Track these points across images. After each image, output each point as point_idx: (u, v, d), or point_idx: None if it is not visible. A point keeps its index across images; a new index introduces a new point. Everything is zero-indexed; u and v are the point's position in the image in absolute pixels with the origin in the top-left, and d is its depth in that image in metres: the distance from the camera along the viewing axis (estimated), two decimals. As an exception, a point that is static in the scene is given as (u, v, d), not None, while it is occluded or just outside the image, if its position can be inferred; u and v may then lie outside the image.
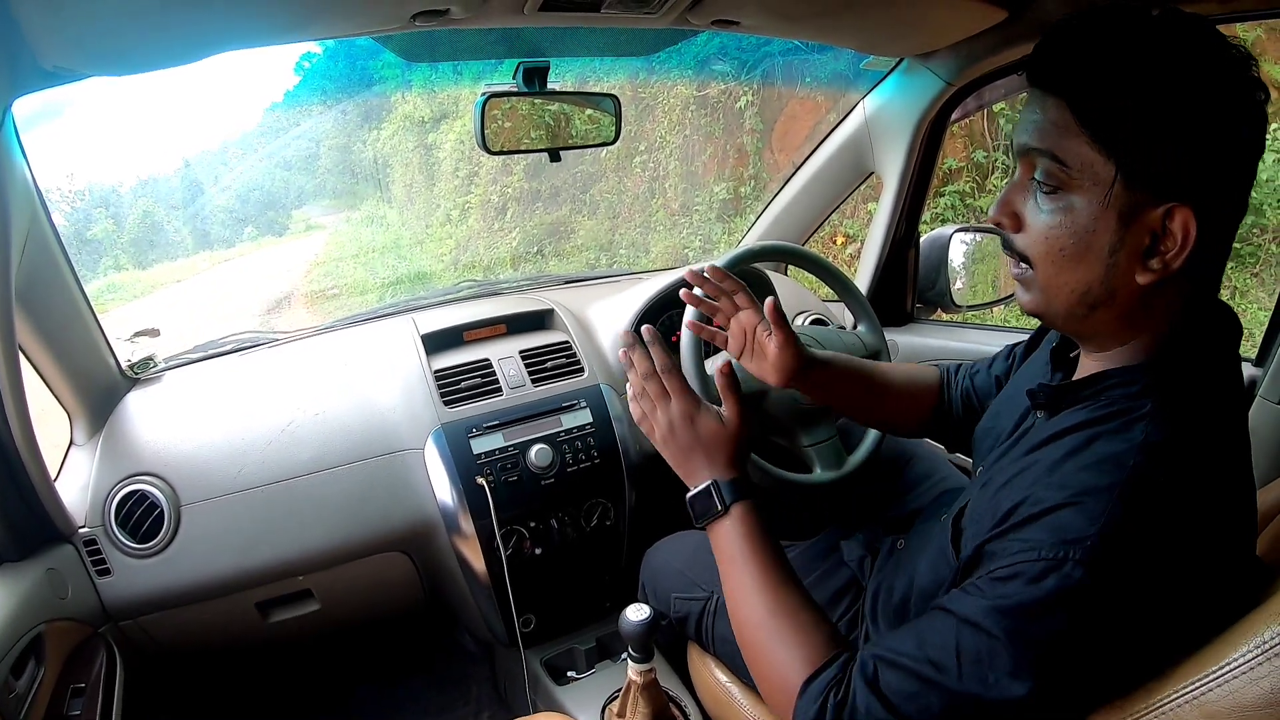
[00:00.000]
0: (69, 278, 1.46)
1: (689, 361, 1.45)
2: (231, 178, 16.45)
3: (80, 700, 1.24)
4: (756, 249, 1.57)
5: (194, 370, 1.78)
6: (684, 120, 7.02)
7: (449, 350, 1.76)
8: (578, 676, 1.69)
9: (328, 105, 17.05)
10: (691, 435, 1.06)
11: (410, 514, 1.60)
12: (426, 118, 12.08)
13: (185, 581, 1.49)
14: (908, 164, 1.91)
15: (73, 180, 14.44)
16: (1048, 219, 0.78)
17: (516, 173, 8.69)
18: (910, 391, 1.35)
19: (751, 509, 1.02)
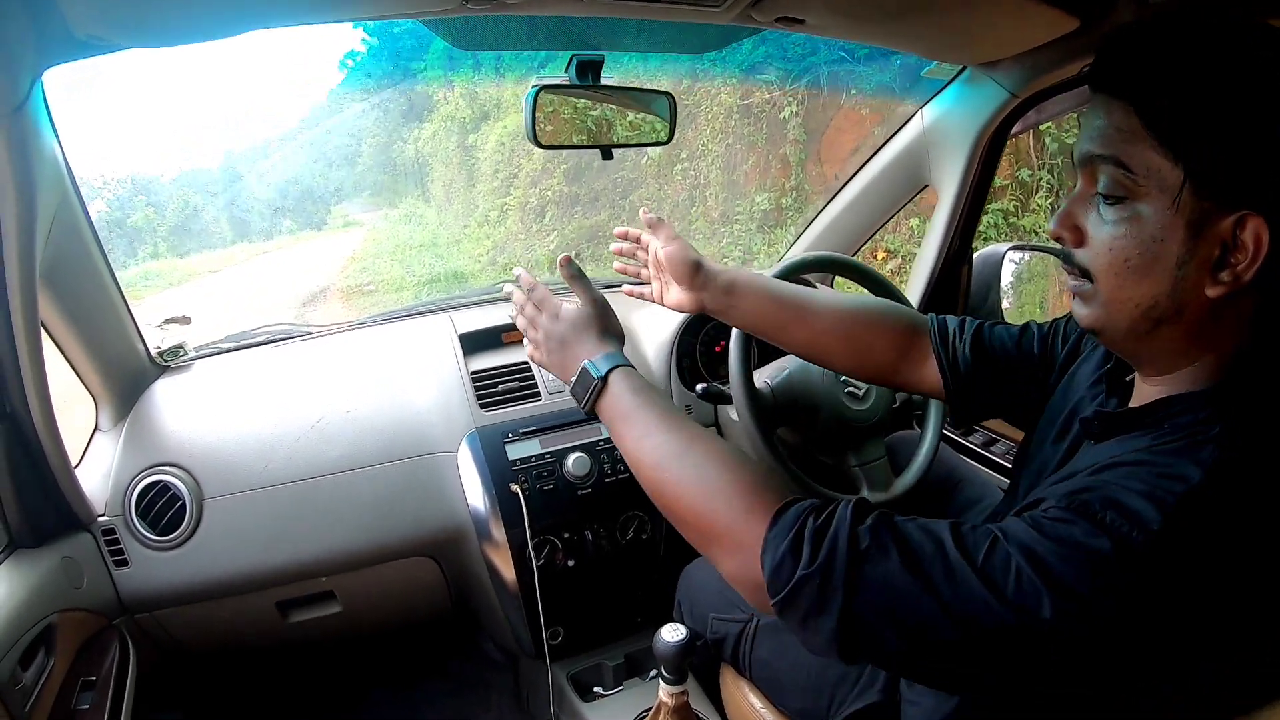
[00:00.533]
0: (99, 261, 1.42)
1: (736, 371, 1.40)
2: (272, 171, 16.65)
3: (90, 694, 1.20)
4: (809, 259, 1.52)
5: (224, 360, 1.75)
6: (727, 128, 6.95)
7: (487, 352, 1.71)
8: (604, 693, 1.62)
9: (370, 103, 17.23)
10: (559, 332, 1.05)
11: (440, 519, 1.55)
12: (468, 118, 12.15)
13: (204, 577, 1.44)
14: (965, 177, 1.82)
15: (117, 168, 14.67)
16: (1112, 230, 0.73)
17: (556, 175, 8.67)
18: (854, 332, 1.20)
19: (630, 372, 0.98)
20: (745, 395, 1.40)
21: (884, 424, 1.51)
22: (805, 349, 1.24)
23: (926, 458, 1.49)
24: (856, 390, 1.50)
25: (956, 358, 1.13)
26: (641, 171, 7.95)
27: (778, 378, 1.50)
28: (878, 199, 2.06)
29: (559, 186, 8.65)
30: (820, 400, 1.47)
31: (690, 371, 1.78)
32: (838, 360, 1.23)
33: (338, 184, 16.63)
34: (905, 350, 1.18)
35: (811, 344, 1.22)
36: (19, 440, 1.22)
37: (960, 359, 1.13)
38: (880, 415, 1.50)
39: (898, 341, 1.19)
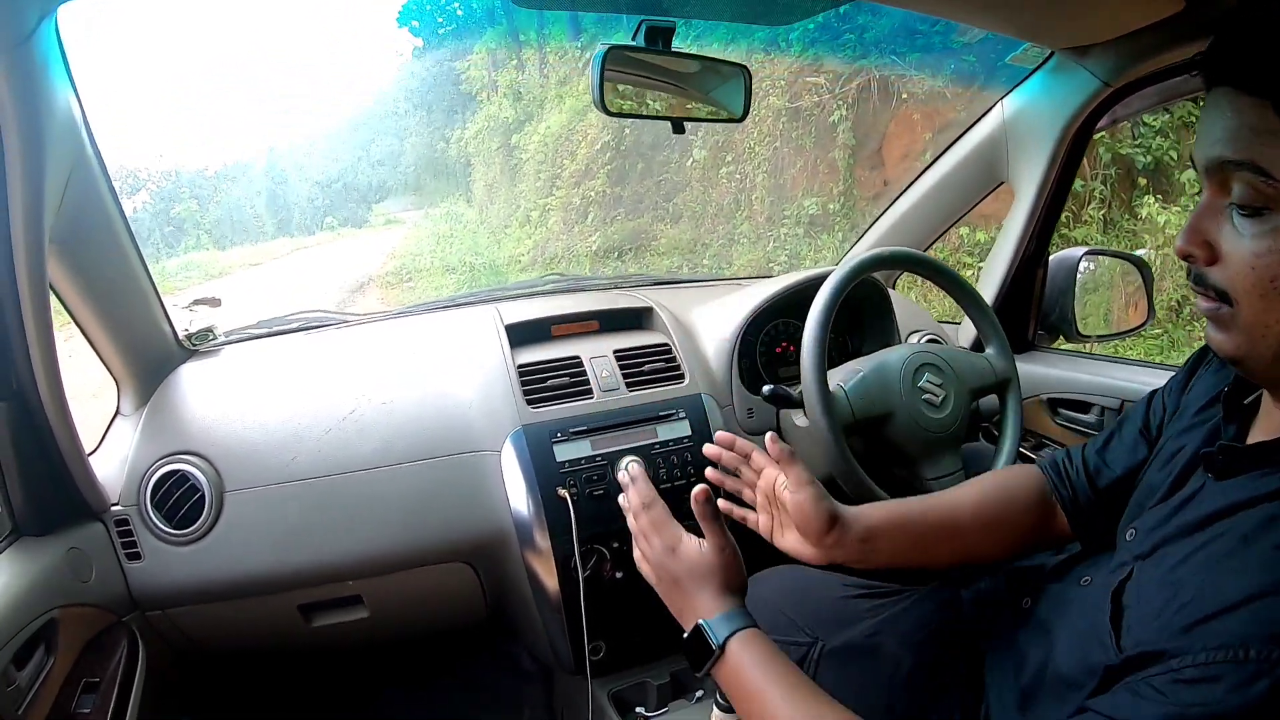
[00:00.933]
0: (122, 234, 1.34)
1: (811, 372, 1.28)
2: (315, 168, 16.87)
3: (92, 697, 1.09)
4: (883, 254, 1.42)
5: (255, 346, 1.65)
6: (774, 131, 6.87)
7: (535, 345, 1.58)
8: (648, 715, 1.49)
9: (414, 103, 17.41)
10: (675, 570, 0.97)
11: (480, 523, 1.42)
12: (511, 119, 12.24)
13: (222, 574, 1.34)
14: (1047, 175, 1.70)
15: (162, 160, 15.01)
16: (1253, 245, 0.66)
17: (599, 176, 8.66)
18: (997, 517, 1.10)
19: (752, 639, 0.89)
20: (820, 399, 1.28)
21: (959, 435, 1.41)
22: (950, 560, 1.12)
23: None
24: (934, 397, 1.39)
25: (1080, 500, 1.06)
26: (686, 174, 7.89)
27: (851, 380, 1.38)
28: (949, 196, 1.94)
29: (602, 187, 8.64)
30: (896, 406, 1.36)
31: (750, 373, 1.65)
32: (985, 553, 1.11)
33: (380, 182, 16.85)
34: (1041, 508, 1.09)
35: (958, 554, 1.11)
36: (26, 419, 1.13)
37: (1082, 496, 1.06)
38: (957, 426, 1.39)
39: (1033, 501, 1.10)
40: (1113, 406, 1.62)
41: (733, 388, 1.59)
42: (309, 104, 16.64)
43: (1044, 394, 1.76)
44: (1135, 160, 5.35)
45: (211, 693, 1.70)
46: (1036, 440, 1.79)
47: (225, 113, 13.48)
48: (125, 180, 13.96)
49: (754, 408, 1.59)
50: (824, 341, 1.30)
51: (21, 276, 1.04)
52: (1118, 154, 5.31)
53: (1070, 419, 1.72)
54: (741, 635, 0.89)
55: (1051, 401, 1.75)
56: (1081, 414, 1.69)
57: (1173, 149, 5.36)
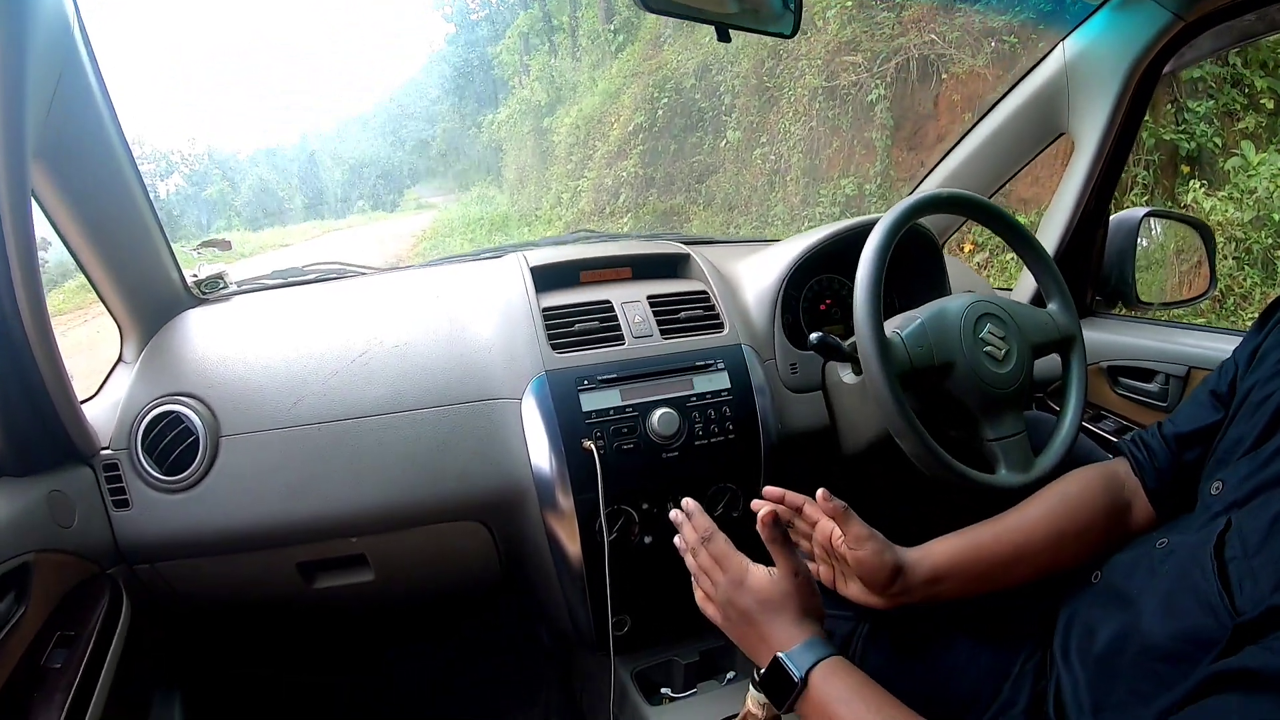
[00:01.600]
0: (121, 158, 1.24)
1: (866, 316, 1.16)
2: (347, 152, 16.97)
3: (65, 651, 0.99)
4: (941, 195, 1.30)
5: (268, 296, 1.54)
6: (810, 111, 6.71)
7: (562, 290, 1.46)
8: (675, 696, 1.37)
9: (446, 89, 17.45)
10: (744, 603, 0.90)
11: (496, 477, 1.30)
12: (543, 102, 12.23)
13: (215, 525, 1.23)
14: (1110, 121, 1.57)
15: (194, 144, 15.17)
16: None
17: (632, 156, 8.58)
18: (1068, 530, 1.02)
19: (836, 668, 0.83)
20: (876, 345, 1.14)
21: (1023, 393, 1.27)
22: (1022, 582, 1.03)
23: (1068, 437, 1.27)
24: (996, 350, 1.25)
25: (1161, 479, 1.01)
26: (720, 156, 7.77)
27: (908, 327, 1.24)
28: (1006, 148, 1.80)
29: (634, 168, 8.56)
30: (956, 357, 1.22)
31: (792, 329, 1.52)
32: (1059, 568, 1.02)
33: (411, 167, 16.93)
34: (1110, 509, 1.03)
35: (1030, 576, 1.02)
36: (7, 349, 1.03)
37: (1162, 462, 1.01)
38: (1021, 382, 1.26)
39: (1101, 505, 1.03)
40: (1178, 374, 1.51)
41: (775, 341, 1.46)
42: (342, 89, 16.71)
43: (1104, 361, 1.64)
44: (1179, 146, 5.22)
45: (203, 656, 1.60)
46: (1095, 411, 1.67)
47: (258, 96, 13.59)
48: (158, 163, 14.09)
49: (798, 363, 1.46)
50: (879, 282, 1.17)
51: (1, 191, 0.95)
52: (1161, 139, 5.17)
53: (1132, 389, 1.60)
54: (825, 665, 0.82)
55: (1112, 370, 1.63)
56: (1144, 383, 1.58)
57: (1217, 135, 5.24)
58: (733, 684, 1.36)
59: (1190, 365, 1.49)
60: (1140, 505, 1.02)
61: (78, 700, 0.94)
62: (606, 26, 11.24)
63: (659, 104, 8.62)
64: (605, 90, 10.05)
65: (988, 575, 1.00)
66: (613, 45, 10.88)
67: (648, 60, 9.30)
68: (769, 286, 1.49)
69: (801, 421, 1.44)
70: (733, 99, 7.78)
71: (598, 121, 9.88)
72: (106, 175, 1.23)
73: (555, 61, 12.93)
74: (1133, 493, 1.02)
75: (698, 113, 8.24)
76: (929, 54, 6.09)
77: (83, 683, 0.96)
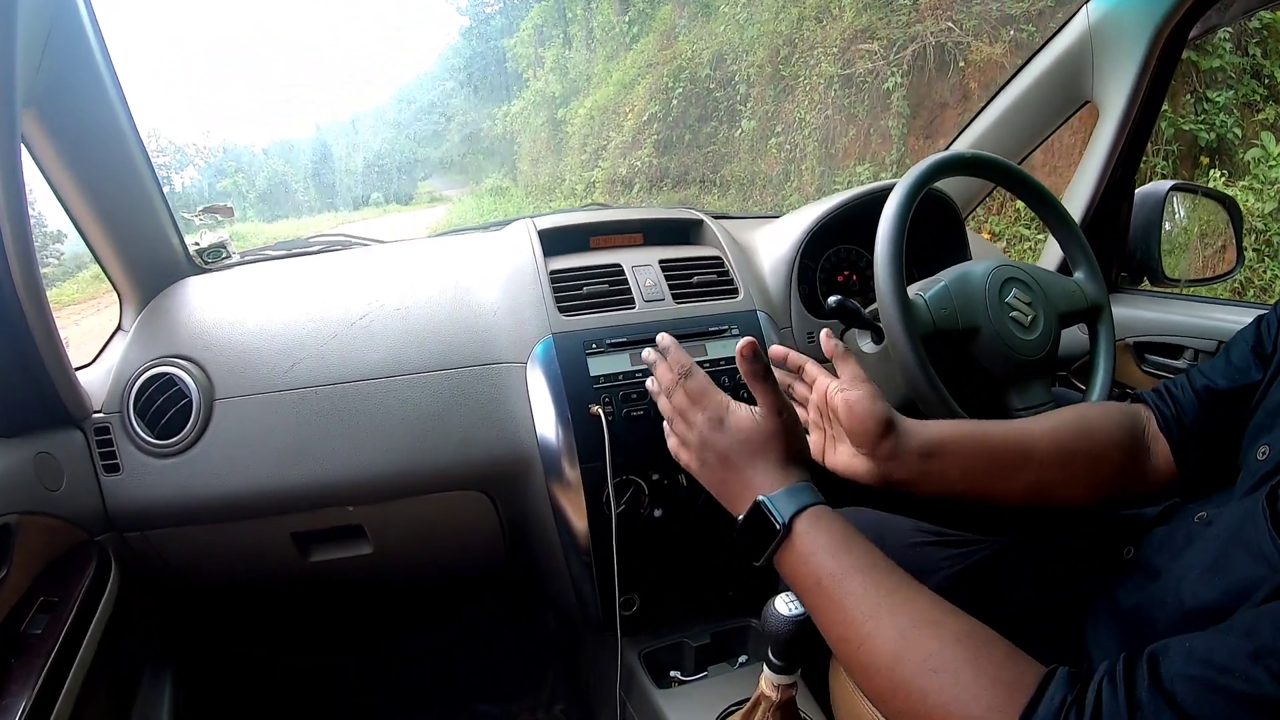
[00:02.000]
0: (122, 122, 1.22)
1: (887, 277, 1.09)
2: (361, 145, 17.01)
3: (47, 618, 0.95)
4: (965, 155, 1.25)
5: (271, 265, 1.50)
6: (826, 100, 6.65)
7: (571, 255, 1.41)
8: (684, 679, 1.31)
9: (459, 81, 17.47)
10: (724, 446, 0.83)
11: (499, 444, 1.25)
12: (558, 93, 12.22)
13: (207, 491, 1.19)
14: (1136, 87, 1.51)
15: (209, 137, 15.26)
16: None
17: (646, 147, 8.55)
18: (1076, 449, 0.94)
19: (822, 515, 0.76)
20: (898, 305, 1.08)
21: (1051, 362, 1.22)
22: (1025, 495, 0.94)
23: None
24: (1022, 316, 1.19)
25: (1186, 422, 0.93)
26: (735, 145, 7.73)
27: (932, 289, 1.18)
28: (1030, 116, 1.73)
29: (648, 158, 8.53)
30: (981, 321, 1.16)
31: (809, 300, 1.46)
32: (1063, 493, 0.94)
33: (425, 159, 16.93)
34: (1126, 448, 0.94)
35: (1033, 487, 0.93)
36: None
37: (1189, 416, 0.93)
38: (1048, 351, 1.20)
39: (1117, 438, 0.95)
40: (1208, 349, 1.46)
41: (791, 309, 1.40)
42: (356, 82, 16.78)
43: (1130, 338, 1.58)
44: (1198, 136, 5.19)
45: (196, 634, 1.56)
46: (1121, 390, 1.60)
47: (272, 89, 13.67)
48: (173, 155, 14.15)
49: (814, 331, 1.40)
50: (901, 239, 1.11)
51: None
52: (1180, 129, 5.14)
53: (1159, 365, 1.55)
54: (810, 512, 0.75)
55: (1138, 346, 1.58)
56: (1172, 359, 1.53)
57: (1236, 126, 5.23)
58: (745, 667, 1.31)
59: (1220, 340, 1.43)
60: (1160, 458, 0.95)
61: (57, 668, 0.90)
62: (621, 18, 11.22)
63: (673, 94, 8.59)
64: (619, 81, 10.02)
65: (985, 469, 0.92)
66: (627, 36, 10.86)
67: (662, 50, 9.27)
68: (785, 253, 1.43)
69: (819, 392, 1.38)
70: (748, 88, 7.73)
71: (612, 112, 9.85)
72: (103, 132, 1.20)
73: (569, 53, 12.93)
74: (1152, 441, 0.95)
75: (712, 102, 8.21)
76: (946, 41, 6.03)
77: (63, 651, 0.92)
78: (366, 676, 1.82)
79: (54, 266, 7.98)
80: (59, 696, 0.88)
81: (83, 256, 1.44)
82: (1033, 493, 0.93)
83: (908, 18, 6.16)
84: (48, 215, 5.55)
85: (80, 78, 1.13)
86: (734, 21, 8.03)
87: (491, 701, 1.78)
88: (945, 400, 1.08)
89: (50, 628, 0.93)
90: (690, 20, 8.94)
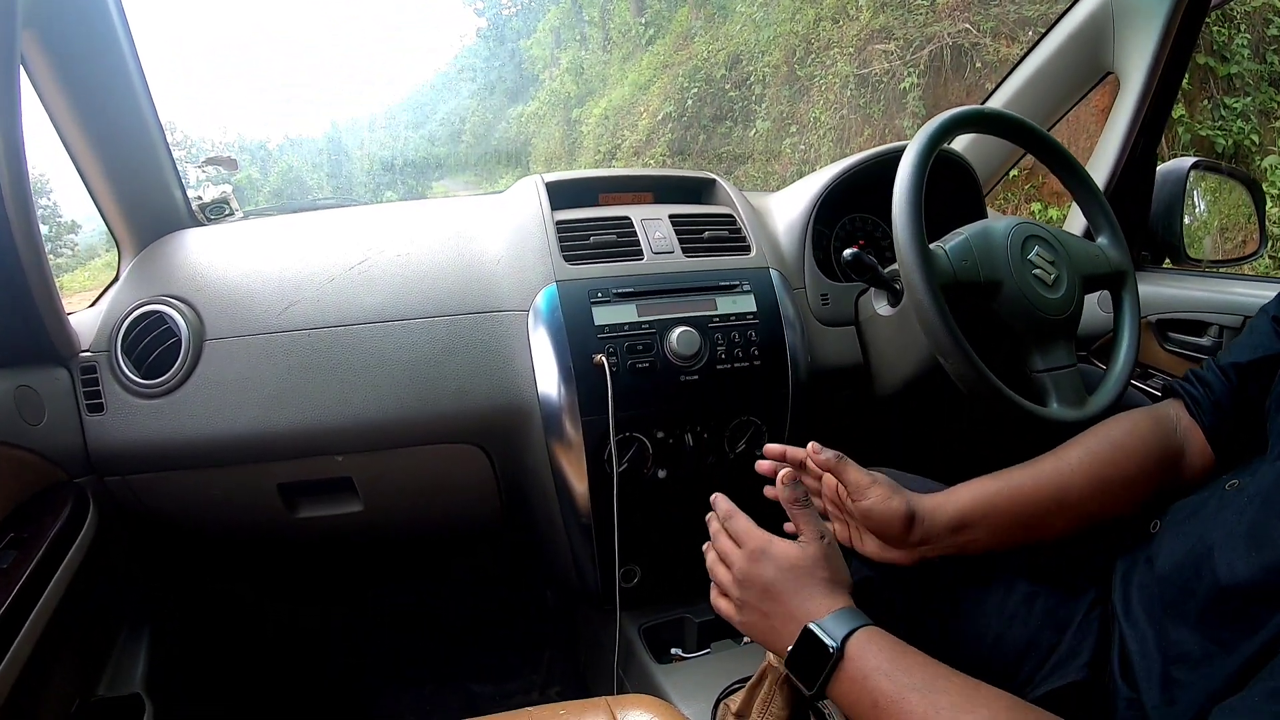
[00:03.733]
0: (126, 55, 1.20)
1: (906, 228, 1.05)
2: (375, 144, 17.09)
3: (15, 554, 0.91)
4: (985, 111, 1.23)
5: (274, 220, 1.46)
6: (841, 99, 6.62)
7: (579, 208, 1.36)
8: (685, 656, 1.26)
9: (476, 83, 17.54)
10: (767, 575, 0.79)
11: (498, 394, 1.20)
12: (573, 94, 12.24)
13: (192, 434, 1.14)
14: (1158, 55, 1.45)
15: (225, 132, 15.35)
16: None
17: (659, 145, 8.53)
18: (1113, 476, 0.91)
19: (874, 636, 0.72)
20: (918, 254, 1.03)
21: (1074, 322, 1.17)
22: (1065, 530, 0.92)
23: (1123, 374, 1.17)
24: (1045, 274, 1.14)
25: (1220, 414, 0.91)
26: (749, 145, 7.68)
27: (952, 242, 1.13)
28: (1049, 89, 1.68)
29: (662, 157, 8.53)
30: (1003, 276, 1.11)
31: (824, 265, 1.41)
32: (1104, 516, 0.92)
33: (439, 161, 16.99)
34: (1160, 455, 0.92)
35: (1072, 524, 0.91)
36: None
37: (1221, 394, 0.91)
38: (1072, 310, 1.15)
39: (1150, 449, 0.92)
40: (1233, 325, 1.39)
41: (805, 269, 1.35)
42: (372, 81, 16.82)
43: (1152, 315, 1.52)
44: (1215, 142, 5.16)
45: (177, 592, 1.51)
46: (1143, 369, 1.55)
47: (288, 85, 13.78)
48: (189, 149, 14.22)
49: (829, 294, 1.35)
50: (919, 190, 1.06)
51: None
52: (1197, 135, 5.09)
53: (1182, 344, 1.48)
54: (862, 633, 0.72)
55: (1161, 324, 1.51)
56: (1195, 336, 1.46)
57: (1254, 133, 5.21)
58: (750, 645, 1.25)
59: (1246, 315, 1.36)
60: (1195, 450, 0.91)
61: (19, 604, 0.85)
62: (638, 20, 11.25)
63: (688, 94, 8.58)
64: (635, 82, 10.03)
65: (1023, 524, 0.89)
66: (643, 38, 10.88)
67: (678, 51, 9.27)
68: (799, 213, 1.39)
69: (832, 357, 1.33)
70: (763, 88, 7.71)
71: (626, 112, 9.85)
72: (106, 64, 1.18)
73: (586, 54, 12.97)
74: (1185, 436, 0.92)
75: (727, 102, 8.18)
76: (963, 42, 5.99)
77: (28, 587, 0.88)
78: (355, 644, 1.77)
79: (68, 256, 8.02)
80: (18, 633, 0.83)
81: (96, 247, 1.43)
82: (1072, 527, 0.91)
83: (925, 18, 6.12)
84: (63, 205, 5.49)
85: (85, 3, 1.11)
86: (750, 22, 8.02)
87: (487, 681, 1.73)
88: (966, 352, 1.03)
89: (17, 563, 0.89)
90: (707, 21, 8.93)
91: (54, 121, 1.19)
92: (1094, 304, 1.49)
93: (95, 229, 1.45)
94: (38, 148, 1.00)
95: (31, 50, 1.09)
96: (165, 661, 1.32)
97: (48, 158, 1.22)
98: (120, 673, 1.23)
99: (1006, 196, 5.40)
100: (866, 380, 1.35)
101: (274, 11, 22.09)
